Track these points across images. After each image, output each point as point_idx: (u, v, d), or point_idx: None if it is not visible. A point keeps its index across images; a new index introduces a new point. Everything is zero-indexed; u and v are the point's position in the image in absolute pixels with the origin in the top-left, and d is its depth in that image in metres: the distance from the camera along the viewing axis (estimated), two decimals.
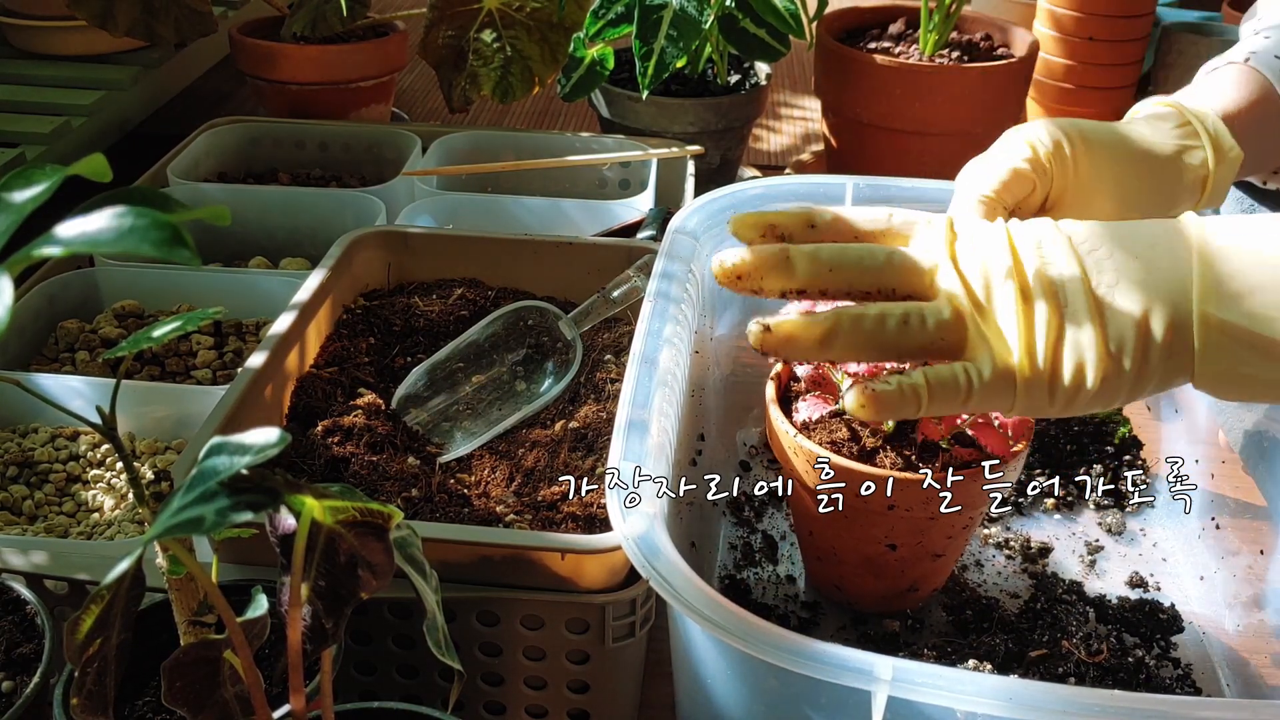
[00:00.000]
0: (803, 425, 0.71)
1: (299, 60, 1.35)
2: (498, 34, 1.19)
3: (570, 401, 0.86)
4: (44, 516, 0.83)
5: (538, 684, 0.69)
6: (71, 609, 0.67)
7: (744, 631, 0.53)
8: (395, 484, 0.76)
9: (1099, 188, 0.69)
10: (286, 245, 1.16)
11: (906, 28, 1.37)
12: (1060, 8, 1.48)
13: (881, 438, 0.70)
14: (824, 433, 0.71)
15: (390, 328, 0.92)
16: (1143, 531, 0.86)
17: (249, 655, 0.45)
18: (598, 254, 0.95)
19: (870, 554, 0.73)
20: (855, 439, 0.70)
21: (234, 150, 1.30)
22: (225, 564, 0.68)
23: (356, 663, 0.70)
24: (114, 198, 0.35)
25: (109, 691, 0.44)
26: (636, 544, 0.57)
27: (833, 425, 0.71)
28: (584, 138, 1.28)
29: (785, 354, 0.60)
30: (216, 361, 0.98)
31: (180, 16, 1.28)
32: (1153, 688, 0.71)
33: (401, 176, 1.18)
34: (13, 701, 0.57)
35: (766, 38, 1.28)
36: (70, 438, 0.89)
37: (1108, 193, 0.69)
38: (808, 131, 1.72)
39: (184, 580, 0.51)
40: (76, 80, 1.37)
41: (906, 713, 0.52)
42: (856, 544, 0.73)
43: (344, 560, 0.44)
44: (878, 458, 0.69)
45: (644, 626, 0.67)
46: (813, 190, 0.91)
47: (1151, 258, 0.56)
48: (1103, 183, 0.69)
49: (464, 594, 0.65)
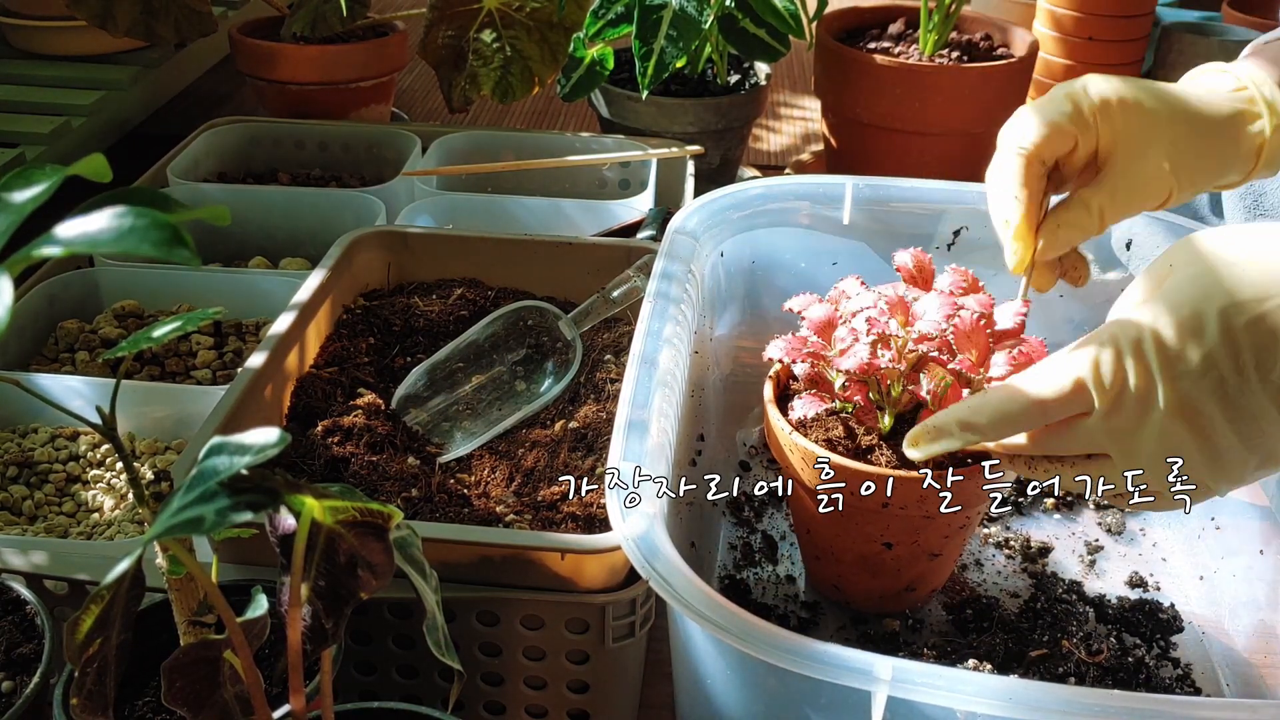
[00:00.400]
0: (798, 423, 0.71)
1: (299, 60, 1.35)
2: (498, 34, 1.19)
3: (570, 401, 0.86)
4: (44, 517, 0.83)
5: (538, 684, 0.69)
6: (71, 609, 0.67)
7: (744, 631, 0.53)
8: (395, 484, 0.76)
9: (1151, 147, 0.67)
10: (286, 245, 1.16)
11: (906, 28, 1.37)
12: (1060, 8, 1.48)
13: (877, 436, 0.70)
14: (820, 430, 0.71)
15: (390, 328, 0.92)
16: (1143, 531, 0.86)
17: (249, 655, 0.45)
18: (598, 254, 0.95)
19: (866, 553, 0.73)
20: (851, 437, 0.70)
21: (234, 150, 1.30)
22: (225, 564, 0.68)
23: (356, 663, 0.70)
24: (114, 198, 0.35)
25: (109, 691, 0.44)
26: (636, 544, 0.57)
27: (829, 423, 0.71)
28: (584, 138, 1.28)
29: None
30: (216, 361, 0.98)
31: (180, 16, 1.28)
32: (1153, 688, 0.71)
33: (401, 176, 1.18)
34: (13, 701, 0.57)
35: (766, 38, 1.28)
36: (70, 438, 0.89)
37: (1161, 153, 0.67)
38: (808, 131, 1.72)
39: (184, 580, 0.51)
40: (76, 80, 1.37)
41: (906, 713, 0.52)
42: (852, 543, 0.73)
43: (344, 560, 0.44)
44: (873, 455, 0.69)
45: (644, 626, 0.67)
46: (813, 190, 0.91)
47: None
48: (1155, 143, 0.67)
49: (464, 594, 0.65)
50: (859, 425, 0.71)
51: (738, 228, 0.90)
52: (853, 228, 0.91)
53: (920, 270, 0.75)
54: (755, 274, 0.93)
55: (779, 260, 0.93)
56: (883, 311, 0.71)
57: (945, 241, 0.91)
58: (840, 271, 0.90)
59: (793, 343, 0.71)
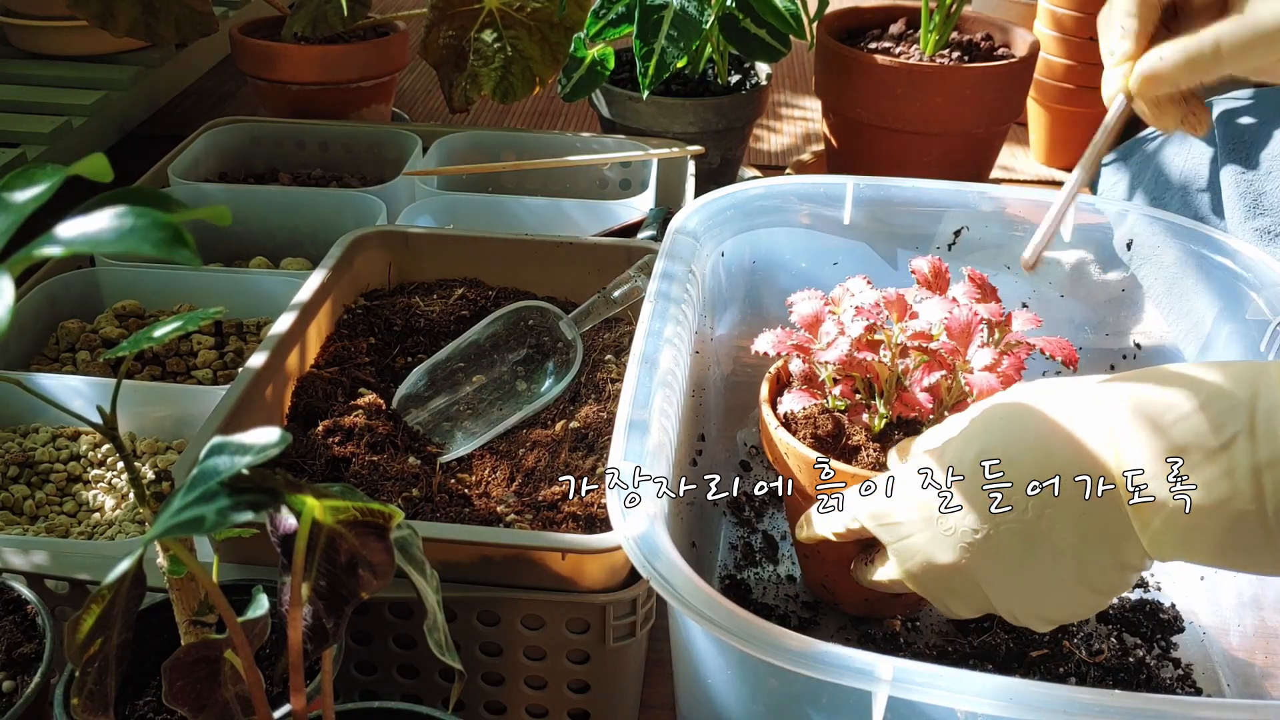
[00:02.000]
0: (785, 417, 0.71)
1: (299, 60, 1.35)
2: (498, 34, 1.19)
3: (571, 401, 0.86)
4: (45, 516, 0.83)
5: (538, 684, 0.69)
6: (72, 609, 0.67)
7: (744, 631, 0.53)
8: (396, 484, 0.76)
9: None
10: (287, 245, 1.16)
11: (907, 28, 1.37)
12: (1060, 8, 1.48)
13: (866, 436, 0.70)
14: (809, 427, 0.71)
15: (391, 328, 0.92)
16: None
17: (249, 655, 0.45)
18: (598, 254, 0.95)
19: (850, 554, 0.71)
20: (839, 436, 0.70)
21: (234, 150, 1.30)
22: (226, 564, 0.68)
23: (357, 663, 0.70)
24: (114, 198, 0.35)
25: (109, 691, 0.44)
26: (636, 544, 0.57)
27: (820, 420, 0.71)
28: (584, 138, 1.28)
29: None
30: (217, 361, 0.98)
31: (180, 16, 1.28)
32: (1153, 688, 0.71)
33: (402, 176, 1.18)
34: (13, 701, 0.57)
35: (767, 38, 1.28)
36: (71, 438, 0.89)
37: None
38: (808, 131, 1.72)
39: (184, 580, 0.51)
40: (76, 80, 1.37)
41: (906, 713, 0.52)
42: (834, 545, 0.72)
43: (344, 560, 0.44)
44: (858, 457, 0.69)
45: (644, 626, 0.67)
46: (813, 190, 0.91)
47: None
48: None
49: (465, 594, 0.65)
50: (851, 424, 0.71)
51: (738, 228, 0.90)
52: (853, 228, 0.91)
53: (936, 275, 0.74)
54: (756, 274, 0.93)
55: (780, 260, 0.93)
56: (877, 305, 0.71)
57: (946, 242, 0.91)
58: (841, 271, 0.90)
59: (781, 336, 0.72)
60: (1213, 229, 0.85)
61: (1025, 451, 0.57)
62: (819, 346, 0.71)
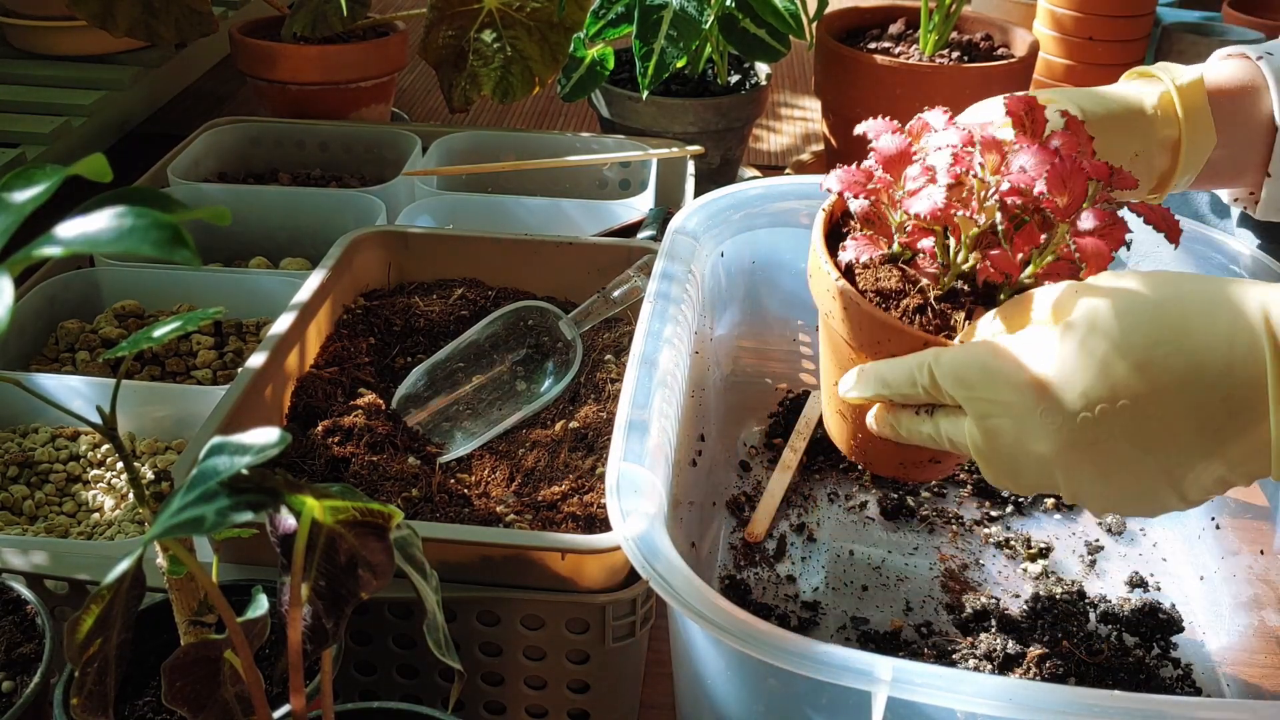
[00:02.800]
0: (847, 267, 0.62)
1: (299, 60, 1.35)
2: (498, 34, 1.19)
3: (570, 401, 0.86)
4: (44, 516, 0.83)
5: (538, 684, 0.69)
6: (71, 609, 0.67)
7: (744, 632, 0.53)
8: (395, 484, 0.76)
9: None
10: (287, 245, 1.16)
11: (906, 28, 1.37)
12: (1060, 8, 1.48)
13: (927, 295, 0.61)
14: (870, 277, 0.62)
15: (390, 328, 0.92)
16: (1143, 531, 0.86)
17: (249, 655, 0.45)
18: (598, 254, 0.95)
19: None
20: (904, 292, 0.62)
21: (234, 150, 1.30)
22: (225, 564, 0.68)
23: (357, 663, 0.70)
24: (114, 198, 0.35)
25: (109, 691, 0.44)
26: (636, 544, 0.57)
27: (880, 271, 0.62)
28: (584, 138, 1.28)
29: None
30: (217, 361, 0.98)
31: (180, 16, 1.28)
32: (1153, 688, 0.71)
33: (401, 176, 1.18)
34: (13, 701, 0.57)
35: (766, 38, 1.28)
36: (70, 438, 0.89)
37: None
38: (808, 131, 1.72)
39: (184, 580, 0.51)
40: (76, 80, 1.37)
41: (906, 713, 0.52)
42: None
43: (344, 560, 0.44)
44: (921, 318, 0.60)
45: (644, 626, 0.67)
46: (813, 190, 0.91)
47: None
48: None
49: (464, 594, 0.65)
50: (912, 280, 0.61)
51: (738, 228, 0.90)
52: None
53: (1031, 116, 0.62)
54: (756, 274, 0.93)
55: (779, 260, 0.93)
56: (969, 152, 0.60)
57: None
58: None
59: (855, 174, 0.62)
60: (1213, 229, 0.85)
61: (1171, 353, 0.51)
62: (901, 193, 0.61)
